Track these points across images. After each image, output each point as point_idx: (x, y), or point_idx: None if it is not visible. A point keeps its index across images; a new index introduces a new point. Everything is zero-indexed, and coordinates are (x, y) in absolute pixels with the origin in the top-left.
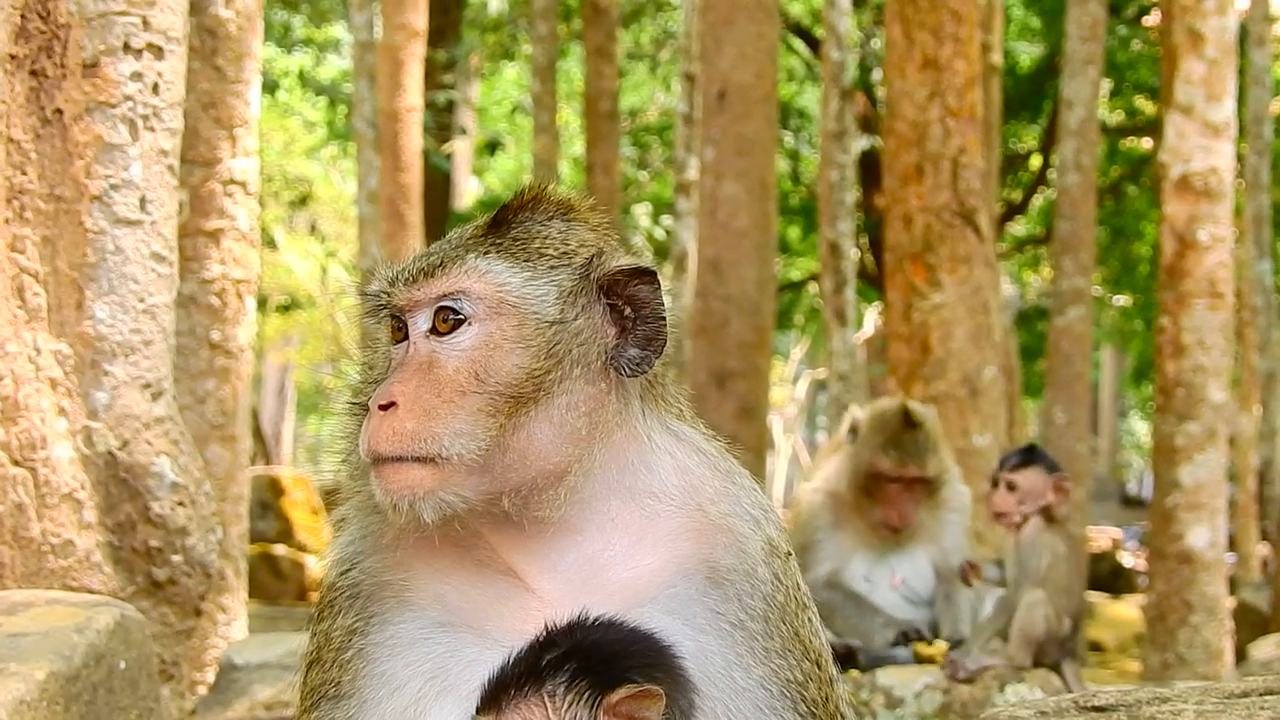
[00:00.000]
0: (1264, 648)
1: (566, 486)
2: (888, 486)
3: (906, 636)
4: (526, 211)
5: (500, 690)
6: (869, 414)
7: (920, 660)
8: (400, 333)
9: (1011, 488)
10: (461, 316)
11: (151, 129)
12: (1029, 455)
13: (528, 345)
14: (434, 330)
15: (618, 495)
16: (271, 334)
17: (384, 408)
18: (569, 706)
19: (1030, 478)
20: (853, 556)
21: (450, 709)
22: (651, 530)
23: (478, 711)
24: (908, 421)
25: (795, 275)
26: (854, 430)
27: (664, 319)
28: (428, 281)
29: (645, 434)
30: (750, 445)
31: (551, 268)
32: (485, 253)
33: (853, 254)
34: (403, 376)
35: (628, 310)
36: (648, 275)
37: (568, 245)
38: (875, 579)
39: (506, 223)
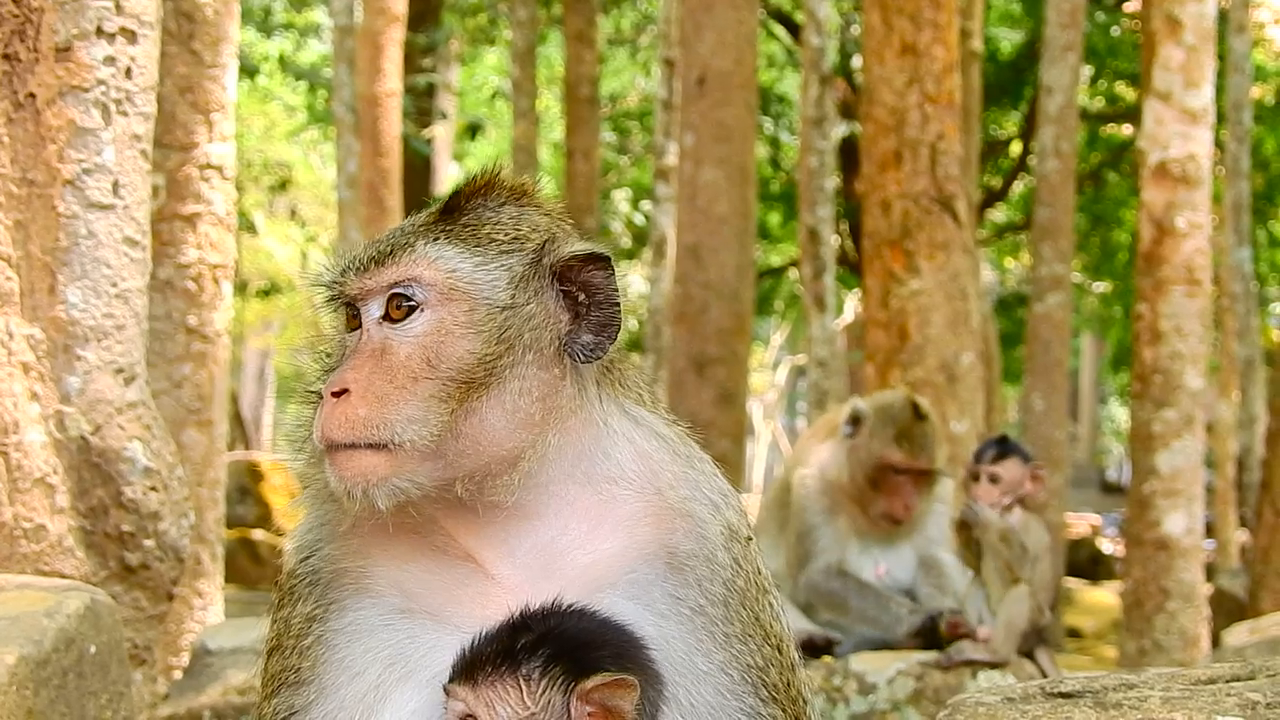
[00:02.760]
0: (1238, 634)
1: (520, 471)
2: (895, 479)
3: (932, 620)
4: (479, 197)
5: (475, 666)
6: (875, 406)
7: (949, 641)
8: (355, 320)
9: (994, 480)
10: (414, 303)
11: (125, 113)
12: (1005, 446)
13: (479, 331)
14: (387, 317)
15: (575, 480)
16: (252, 319)
17: (336, 395)
18: (543, 691)
19: (1010, 468)
20: (847, 545)
21: (410, 694)
22: (610, 515)
23: (451, 680)
24: (916, 414)
25: (775, 261)
26: (854, 421)
27: (618, 305)
28: (379, 270)
29: (602, 419)
30: (729, 431)
31: (502, 253)
32: (435, 239)
33: (832, 240)
34: (356, 363)
35: (581, 296)
36: (601, 261)
37: (520, 230)
38: (861, 568)
39: (459, 209)
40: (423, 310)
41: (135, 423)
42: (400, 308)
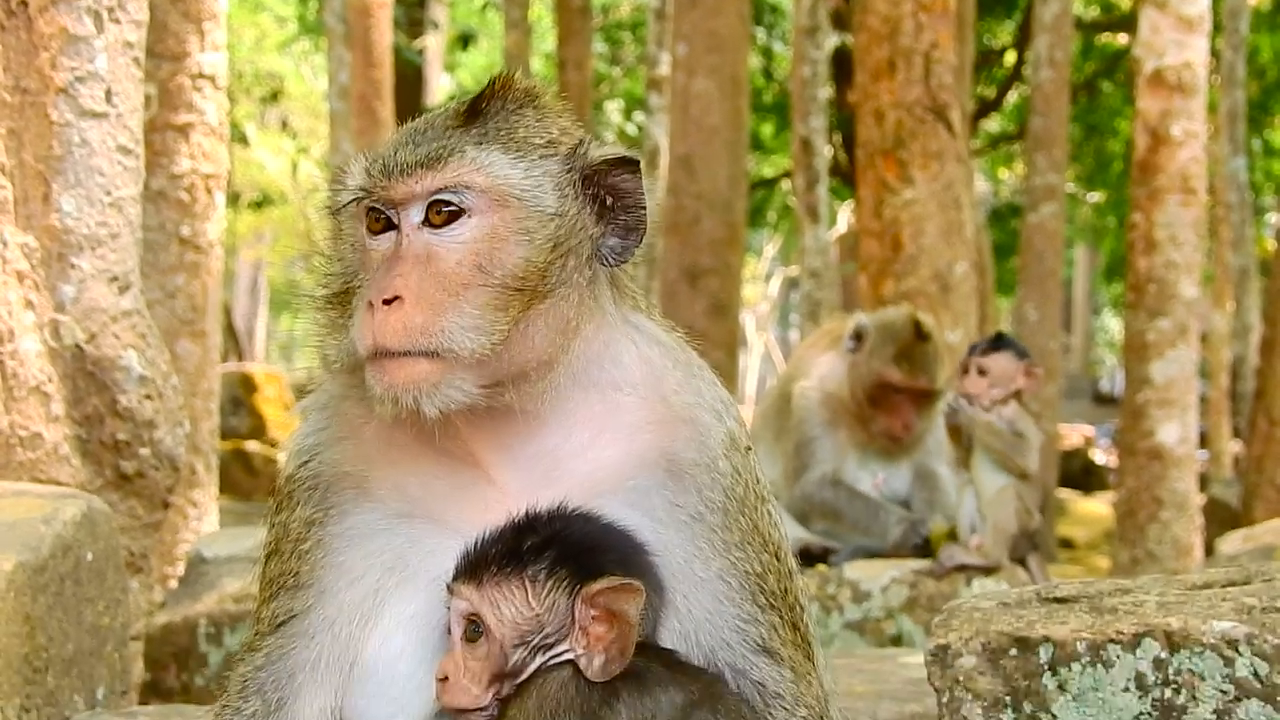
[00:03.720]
0: (1231, 542)
1: (555, 377)
2: (894, 397)
3: (920, 533)
4: (499, 100)
5: (480, 566)
6: (878, 324)
7: (936, 546)
8: (379, 224)
9: (982, 372)
10: (457, 209)
11: (117, 20)
12: (999, 341)
13: (532, 238)
14: (427, 222)
15: (581, 386)
16: (244, 231)
17: (388, 302)
18: (549, 593)
19: (1001, 362)
20: (846, 457)
21: (409, 598)
22: (613, 422)
23: (454, 579)
24: (919, 334)
25: (768, 172)
26: (858, 337)
27: (644, 208)
28: (426, 174)
29: (614, 324)
30: (722, 342)
31: (543, 157)
32: (480, 143)
33: (825, 151)
34: (401, 270)
35: (609, 200)
36: (630, 165)
37: (550, 134)
38: (858, 479)
39: (483, 112)
40: (470, 216)
41: (130, 331)
42: (441, 213)
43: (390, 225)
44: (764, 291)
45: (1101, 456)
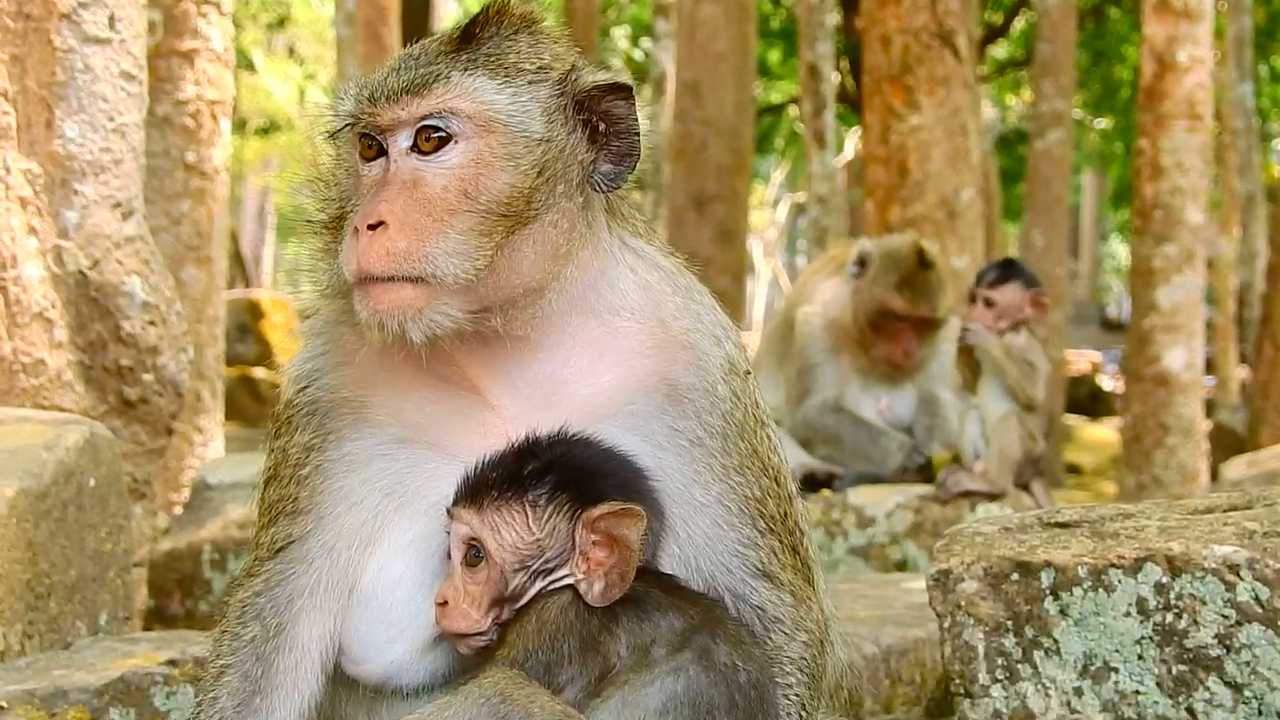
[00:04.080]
0: (1236, 467)
1: (545, 303)
2: (896, 325)
3: (917, 454)
4: (493, 26)
5: (481, 490)
6: (881, 251)
7: (936, 471)
8: (371, 150)
9: (989, 304)
10: (445, 135)
11: None
12: (1007, 270)
13: (517, 163)
14: (415, 148)
15: (579, 311)
16: (251, 158)
17: (372, 227)
18: (549, 518)
19: (1008, 293)
20: (848, 383)
21: (408, 523)
22: (612, 347)
23: (454, 503)
24: (922, 262)
25: (775, 98)
26: (861, 263)
27: (638, 134)
28: (412, 100)
29: (609, 250)
30: (729, 268)
31: (531, 83)
32: (467, 69)
33: (832, 77)
34: (387, 195)
35: (602, 126)
36: (624, 90)
37: (542, 59)
38: (862, 406)
39: (475, 37)
40: (456, 142)
41: (133, 257)
42: (430, 139)
43: (382, 151)
44: (771, 218)
45: (1108, 382)
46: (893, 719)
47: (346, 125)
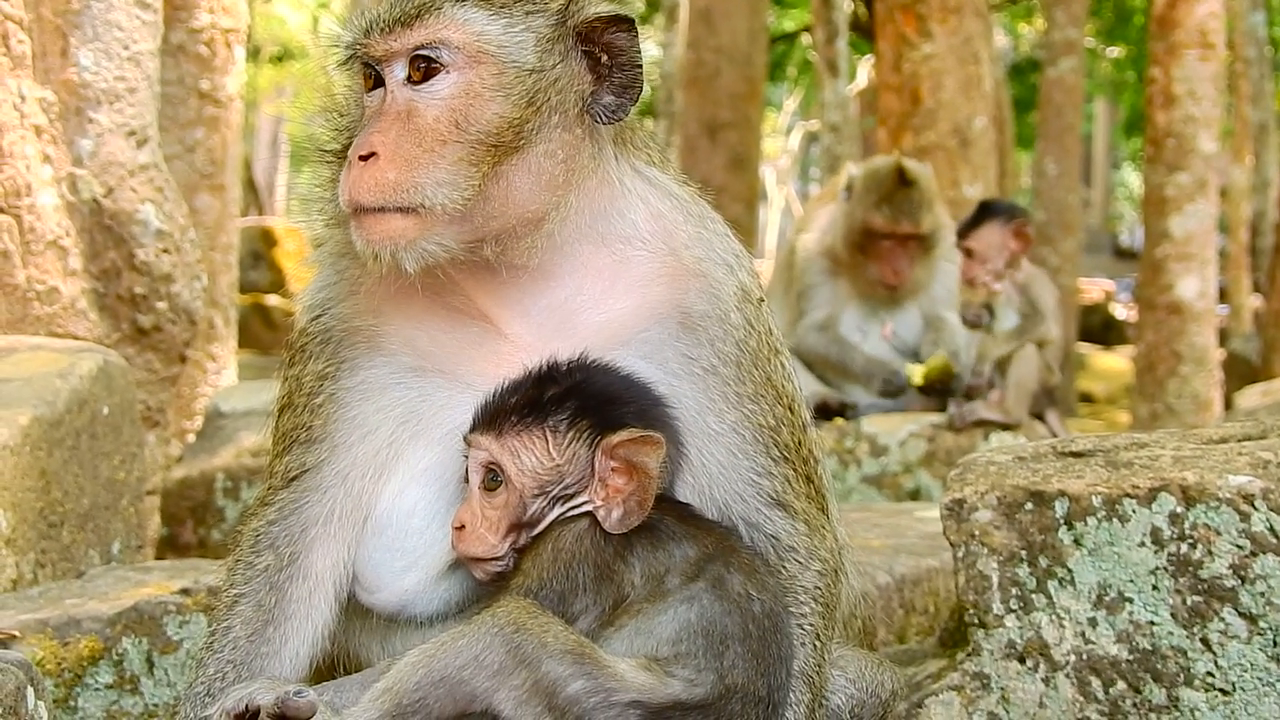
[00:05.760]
0: (1250, 396)
1: (544, 233)
2: (881, 244)
3: (890, 383)
4: None
5: (500, 415)
6: (863, 171)
7: (933, 376)
8: (372, 81)
9: (969, 254)
10: (438, 65)
11: None
12: (978, 215)
13: (507, 94)
14: (410, 79)
15: (590, 240)
16: (265, 85)
17: (364, 158)
18: (569, 444)
19: (985, 236)
20: (847, 306)
21: (423, 451)
22: (624, 275)
23: (472, 429)
24: (902, 179)
25: (788, 26)
26: (850, 187)
27: (640, 66)
28: (404, 31)
29: (618, 179)
30: (742, 196)
31: (528, 14)
32: (460, 1)
33: (845, 4)
34: (381, 126)
35: (604, 57)
36: (625, 23)
37: None
38: (867, 330)
39: None
40: (448, 73)
41: (147, 185)
42: (421, 70)
43: (381, 82)
44: (784, 145)
45: (1121, 311)
46: (907, 649)
47: (347, 56)
